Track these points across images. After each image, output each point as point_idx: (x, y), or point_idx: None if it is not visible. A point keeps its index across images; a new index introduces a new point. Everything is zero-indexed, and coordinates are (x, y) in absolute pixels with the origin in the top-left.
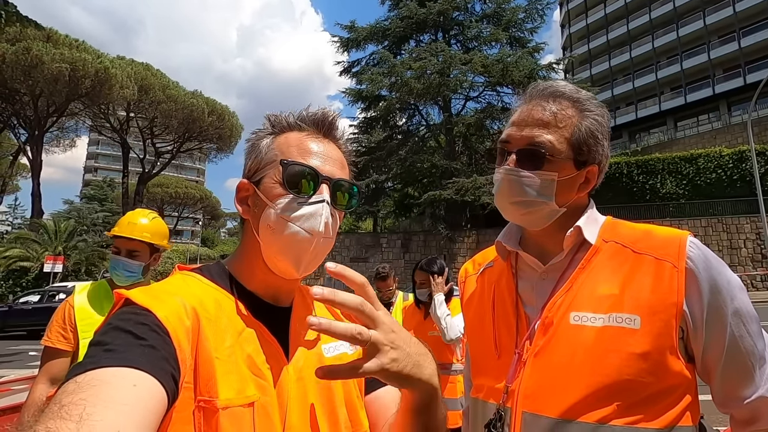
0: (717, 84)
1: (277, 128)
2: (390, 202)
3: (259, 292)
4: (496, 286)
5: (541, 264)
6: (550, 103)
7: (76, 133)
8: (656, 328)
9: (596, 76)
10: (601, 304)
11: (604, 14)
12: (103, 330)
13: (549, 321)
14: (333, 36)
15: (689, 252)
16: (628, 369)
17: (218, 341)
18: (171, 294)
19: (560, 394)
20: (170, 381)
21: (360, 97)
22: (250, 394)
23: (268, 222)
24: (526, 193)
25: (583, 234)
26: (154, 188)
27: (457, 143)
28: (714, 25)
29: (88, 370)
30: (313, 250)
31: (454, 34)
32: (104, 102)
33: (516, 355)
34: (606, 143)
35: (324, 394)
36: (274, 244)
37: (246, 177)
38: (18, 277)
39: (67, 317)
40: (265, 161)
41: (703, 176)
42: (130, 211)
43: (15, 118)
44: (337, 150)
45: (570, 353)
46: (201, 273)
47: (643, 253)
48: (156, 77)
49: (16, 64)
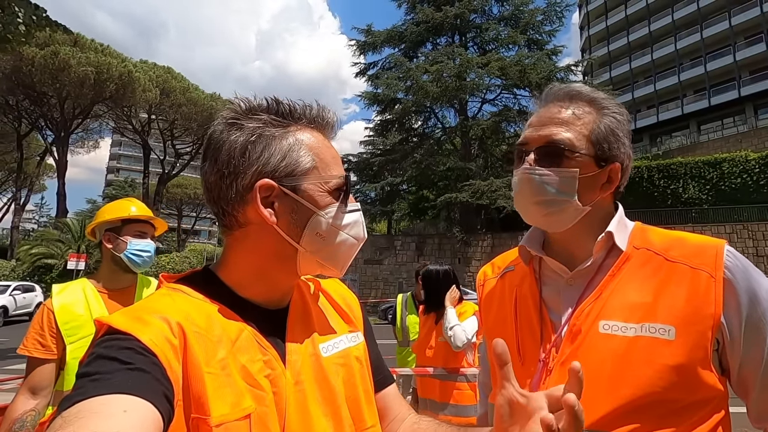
0: (743, 86)
1: (288, 119)
2: (405, 204)
3: (256, 296)
4: (518, 290)
5: (567, 270)
6: (567, 102)
7: (99, 134)
8: (692, 339)
9: (616, 79)
10: (633, 313)
11: (624, 16)
12: (88, 361)
13: (577, 329)
14: (350, 39)
15: (727, 261)
16: (660, 381)
17: (209, 355)
18: (154, 312)
19: (588, 405)
20: (163, 401)
21: (376, 100)
22: (245, 407)
23: (318, 230)
24: (547, 192)
25: (614, 239)
26: (173, 189)
27: (473, 146)
28: (740, 26)
29: (75, 402)
30: (354, 254)
31: (471, 37)
32: (127, 104)
33: (541, 363)
34: (627, 142)
35: (325, 395)
36: (321, 252)
37: (267, 175)
38: (42, 273)
39: (46, 323)
40: (301, 166)
41: (727, 181)
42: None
43: (43, 120)
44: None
45: (599, 363)
46: (188, 284)
47: (677, 261)
48: (177, 80)
49: (44, 68)
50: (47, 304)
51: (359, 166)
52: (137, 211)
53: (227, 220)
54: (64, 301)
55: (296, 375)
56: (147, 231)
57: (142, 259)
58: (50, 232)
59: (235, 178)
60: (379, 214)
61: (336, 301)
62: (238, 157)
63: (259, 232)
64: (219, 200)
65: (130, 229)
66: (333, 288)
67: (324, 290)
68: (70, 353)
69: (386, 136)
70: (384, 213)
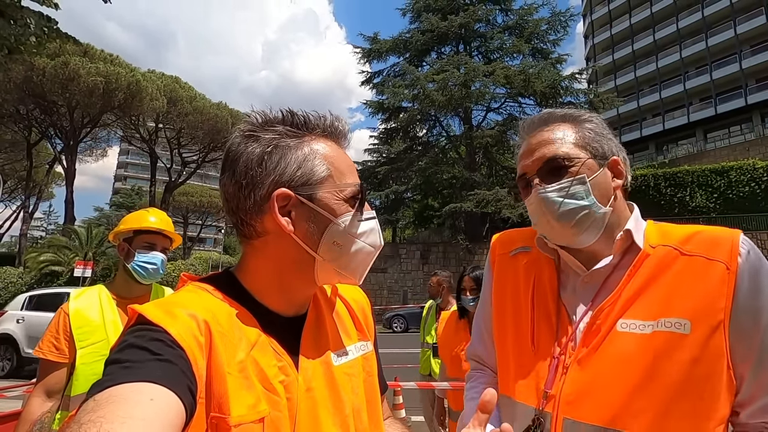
0: (749, 94)
1: (303, 129)
2: (409, 212)
3: (274, 303)
4: (536, 278)
5: (584, 268)
6: (544, 126)
7: (107, 143)
8: (707, 333)
9: (621, 87)
10: (650, 310)
11: (629, 24)
12: (119, 347)
13: (596, 328)
14: (355, 47)
15: (741, 249)
16: (678, 376)
17: (230, 355)
18: (184, 307)
19: (604, 402)
20: (188, 394)
21: (381, 109)
22: (261, 410)
23: (335, 239)
24: (565, 203)
25: (633, 238)
26: (179, 196)
27: (478, 154)
28: (745, 35)
29: (107, 387)
30: (371, 262)
31: (475, 46)
32: (135, 113)
33: (556, 360)
34: (614, 138)
35: (334, 403)
36: (339, 260)
37: (284, 185)
38: (50, 281)
39: (61, 326)
40: (317, 175)
41: (735, 189)
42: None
43: (52, 128)
44: None
45: (617, 361)
46: (211, 284)
47: (693, 254)
48: (184, 89)
49: (55, 78)
50: (64, 308)
51: (364, 174)
52: (154, 222)
53: (246, 229)
54: (80, 306)
55: (308, 382)
56: (158, 243)
57: (148, 272)
58: (58, 238)
59: (253, 189)
60: (384, 222)
61: (352, 309)
62: (255, 168)
63: (277, 241)
64: (238, 210)
65: (140, 240)
66: (350, 295)
67: (341, 296)
68: (79, 358)
69: (391, 144)
70: (389, 221)
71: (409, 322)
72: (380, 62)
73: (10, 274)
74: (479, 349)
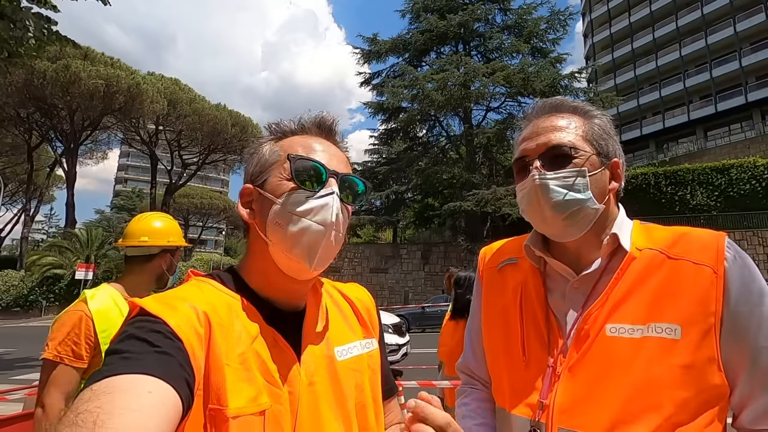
0: (750, 92)
1: (278, 134)
2: (410, 212)
3: (272, 297)
4: (523, 289)
5: (573, 273)
6: (554, 113)
7: (108, 145)
8: (697, 338)
9: (621, 86)
10: (639, 314)
11: (628, 23)
12: (119, 338)
13: (585, 333)
14: (355, 48)
15: (726, 254)
16: (668, 382)
17: (230, 348)
18: (184, 300)
19: (597, 409)
20: (185, 387)
21: (381, 109)
22: (262, 402)
23: (276, 219)
24: (563, 193)
25: (620, 241)
26: (180, 198)
27: (478, 154)
28: (745, 32)
29: (105, 377)
30: (326, 244)
31: (474, 46)
32: (135, 116)
33: (550, 369)
34: (617, 142)
35: (337, 398)
36: (284, 242)
37: (249, 182)
38: (51, 284)
39: (84, 330)
40: (269, 162)
41: (736, 187)
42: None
43: (53, 131)
44: (339, 149)
45: (607, 367)
46: (214, 279)
47: (680, 258)
48: (184, 91)
49: (55, 81)
50: (84, 311)
51: (364, 174)
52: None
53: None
54: (100, 308)
55: (310, 376)
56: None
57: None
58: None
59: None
60: (385, 223)
61: (356, 307)
62: (247, 174)
63: (253, 234)
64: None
65: (177, 254)
66: (354, 294)
67: (345, 295)
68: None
69: (391, 144)
70: (389, 222)
71: (410, 323)
72: (380, 63)
73: (11, 277)
74: (471, 362)
